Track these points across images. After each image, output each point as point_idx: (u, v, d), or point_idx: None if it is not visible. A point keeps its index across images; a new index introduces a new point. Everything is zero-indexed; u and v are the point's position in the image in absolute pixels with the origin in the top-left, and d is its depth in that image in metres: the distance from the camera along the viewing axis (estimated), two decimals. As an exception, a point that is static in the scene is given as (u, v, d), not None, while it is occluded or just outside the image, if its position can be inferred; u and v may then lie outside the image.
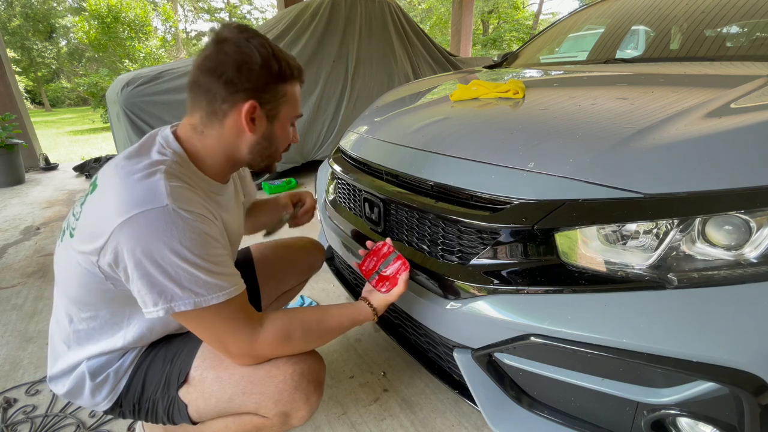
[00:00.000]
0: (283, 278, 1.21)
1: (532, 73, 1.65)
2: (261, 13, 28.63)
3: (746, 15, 1.41)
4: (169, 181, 0.67)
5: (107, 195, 0.67)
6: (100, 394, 0.80)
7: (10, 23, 20.26)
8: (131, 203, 0.63)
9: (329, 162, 1.43)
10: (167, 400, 0.80)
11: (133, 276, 0.65)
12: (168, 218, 0.63)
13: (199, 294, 0.66)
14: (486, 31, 21.68)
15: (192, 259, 0.65)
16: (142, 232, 0.62)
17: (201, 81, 0.72)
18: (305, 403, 0.78)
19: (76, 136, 8.70)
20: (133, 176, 0.67)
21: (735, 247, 0.63)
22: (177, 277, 0.64)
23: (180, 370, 0.80)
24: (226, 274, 0.70)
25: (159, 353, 0.83)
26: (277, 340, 0.75)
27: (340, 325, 0.84)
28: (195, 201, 0.69)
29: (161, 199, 0.64)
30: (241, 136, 0.76)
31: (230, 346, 0.72)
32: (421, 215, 0.94)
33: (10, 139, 3.95)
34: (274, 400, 0.76)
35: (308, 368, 0.79)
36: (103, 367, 0.79)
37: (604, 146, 0.76)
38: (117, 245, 0.64)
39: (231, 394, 0.77)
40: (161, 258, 0.63)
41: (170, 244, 0.63)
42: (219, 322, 0.70)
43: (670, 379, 0.64)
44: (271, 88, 0.74)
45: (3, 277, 2.07)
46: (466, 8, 7.59)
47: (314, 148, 3.72)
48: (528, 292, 0.74)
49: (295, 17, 3.69)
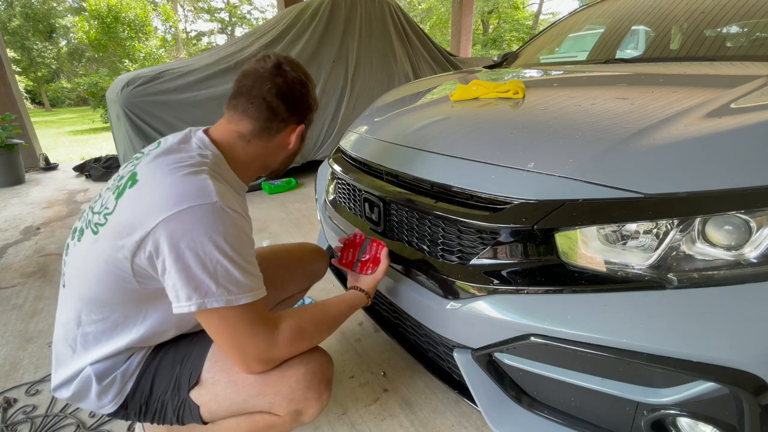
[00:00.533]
0: (283, 285, 1.20)
1: (532, 73, 1.65)
2: (261, 13, 28.61)
3: (746, 15, 1.41)
4: (214, 180, 0.71)
5: (153, 189, 0.69)
6: (106, 396, 0.79)
7: (10, 23, 20.25)
8: (181, 197, 0.66)
9: (329, 162, 1.43)
10: (177, 402, 0.81)
11: (171, 269, 0.66)
12: (216, 214, 0.67)
13: (232, 292, 0.68)
14: (486, 31, 21.68)
15: (232, 255, 0.68)
16: (191, 226, 0.65)
17: (269, 100, 0.81)
18: (317, 401, 0.81)
19: (76, 136, 8.70)
20: (180, 172, 0.70)
21: (735, 247, 0.63)
22: (214, 273, 0.67)
23: (191, 371, 0.80)
24: (255, 275, 0.73)
25: (167, 355, 0.83)
26: (293, 339, 0.77)
27: (343, 313, 0.89)
28: (235, 201, 0.74)
29: (211, 196, 0.68)
30: (283, 149, 0.88)
31: (248, 350, 0.73)
32: (421, 215, 0.94)
33: (10, 139, 3.95)
34: (288, 399, 0.78)
35: (319, 367, 0.82)
36: (110, 369, 0.79)
37: (604, 146, 0.76)
38: (160, 237, 0.65)
39: (245, 396, 0.78)
40: (204, 252, 0.66)
41: (215, 238, 0.66)
42: (241, 324, 0.71)
43: (670, 379, 0.64)
44: (309, 111, 0.88)
45: (3, 277, 2.07)
46: (466, 8, 7.59)
47: (314, 148, 3.72)
48: (528, 292, 0.74)
49: (295, 17, 3.69)
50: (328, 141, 3.72)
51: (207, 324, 0.71)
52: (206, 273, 0.66)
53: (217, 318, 0.70)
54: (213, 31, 29.20)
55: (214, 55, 3.54)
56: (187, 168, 0.71)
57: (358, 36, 3.84)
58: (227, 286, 0.68)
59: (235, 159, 0.83)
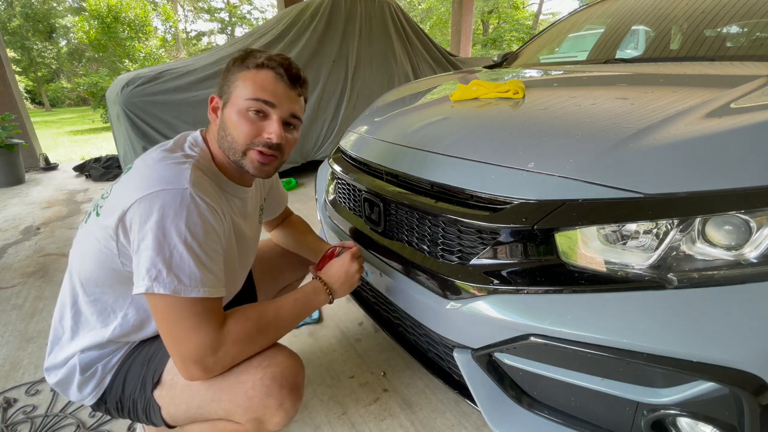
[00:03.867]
0: (281, 274, 1.21)
1: (532, 73, 1.65)
2: (261, 13, 28.61)
3: (746, 15, 1.41)
4: (194, 171, 0.72)
5: (137, 174, 0.72)
6: (86, 388, 0.81)
7: (10, 23, 20.25)
8: (155, 181, 0.68)
9: (329, 162, 1.43)
10: (144, 401, 0.80)
11: (136, 246, 0.67)
12: (184, 201, 0.67)
13: (182, 282, 0.66)
14: (486, 31, 21.67)
15: (191, 244, 0.67)
16: (158, 207, 0.66)
17: None
18: (278, 409, 0.74)
19: (76, 136, 8.70)
20: (165, 161, 0.72)
21: (735, 247, 0.63)
22: (169, 258, 0.66)
23: (155, 370, 0.79)
24: (214, 272, 0.71)
25: (141, 353, 0.83)
26: (238, 341, 0.71)
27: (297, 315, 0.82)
28: (212, 194, 0.74)
29: (183, 183, 0.69)
30: (214, 130, 0.82)
31: (188, 347, 0.68)
32: (421, 215, 0.94)
33: (10, 139, 3.95)
34: (243, 407, 0.73)
35: (281, 372, 0.75)
36: (93, 361, 0.80)
37: (604, 146, 0.76)
38: (133, 215, 0.67)
39: (200, 401, 0.75)
40: (163, 235, 0.66)
41: (177, 223, 0.66)
42: (185, 318, 0.67)
43: (670, 379, 0.64)
44: (227, 78, 0.79)
45: (3, 277, 2.07)
46: (466, 8, 7.59)
47: (314, 148, 3.72)
48: (528, 292, 0.74)
49: (295, 17, 3.69)
50: (328, 141, 3.72)
51: (153, 310, 0.69)
52: (161, 256, 0.65)
53: (162, 305, 0.67)
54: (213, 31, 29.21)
55: (214, 55, 3.54)
56: (173, 159, 0.73)
57: (358, 36, 3.84)
58: (178, 275, 0.66)
59: (215, 156, 0.82)
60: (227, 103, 0.78)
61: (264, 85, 0.76)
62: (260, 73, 0.77)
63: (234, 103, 0.77)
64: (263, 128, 0.78)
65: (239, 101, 0.76)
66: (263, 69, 0.77)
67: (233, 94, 0.77)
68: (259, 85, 0.76)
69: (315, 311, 0.85)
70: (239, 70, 0.78)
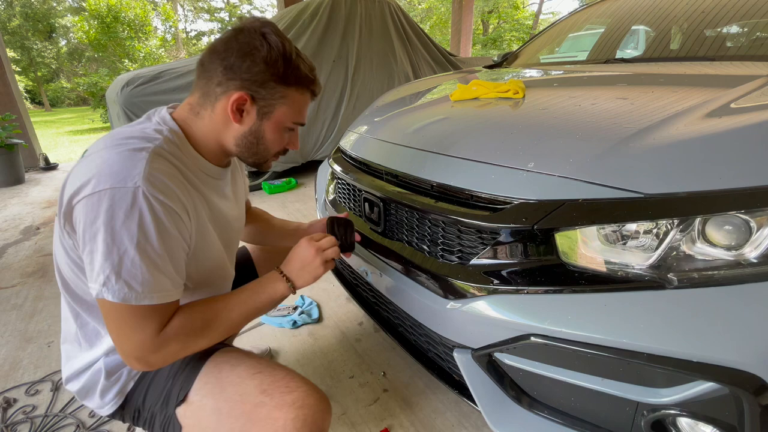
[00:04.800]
0: None
1: (532, 73, 1.65)
2: (261, 13, 28.63)
3: (746, 15, 1.41)
4: (153, 162, 0.64)
5: (87, 164, 0.64)
6: (108, 393, 0.78)
7: (10, 23, 20.24)
8: (104, 176, 0.61)
9: (329, 162, 1.43)
10: (164, 417, 0.77)
11: (84, 244, 0.62)
12: (136, 201, 0.61)
13: (133, 289, 0.62)
14: (486, 31, 21.67)
15: (143, 247, 0.62)
16: (105, 208, 0.60)
17: (205, 61, 0.72)
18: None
19: (76, 136, 8.70)
20: (119, 148, 0.64)
21: (735, 247, 0.63)
22: (119, 263, 0.61)
23: (181, 387, 0.76)
24: (169, 275, 0.67)
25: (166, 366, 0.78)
26: (178, 340, 0.69)
27: (246, 314, 0.77)
28: (171, 189, 0.66)
29: (135, 180, 0.61)
30: (228, 125, 0.74)
31: (131, 343, 0.66)
32: (421, 215, 0.94)
33: (10, 138, 3.95)
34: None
35: (312, 415, 0.72)
36: (119, 365, 0.77)
37: (604, 146, 0.76)
38: (79, 214, 0.62)
39: (228, 429, 0.72)
40: (113, 238, 0.60)
41: (129, 225, 0.61)
42: (130, 320, 0.64)
43: (670, 379, 0.64)
44: (270, 86, 0.72)
45: (3, 277, 2.07)
46: (466, 8, 7.59)
47: (314, 148, 3.72)
48: (528, 292, 0.74)
49: (295, 17, 3.69)
50: (328, 141, 3.72)
51: (101, 308, 0.66)
52: (109, 262, 0.61)
53: (110, 308, 0.64)
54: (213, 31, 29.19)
55: (213, 54, 3.54)
56: (129, 145, 0.65)
57: (358, 36, 3.84)
58: (129, 282, 0.62)
59: (192, 135, 0.75)
60: (266, 117, 0.75)
61: (303, 107, 0.79)
62: (305, 94, 0.77)
63: (277, 121, 0.76)
64: (290, 140, 0.82)
65: (283, 121, 0.76)
66: (307, 90, 0.77)
67: (276, 112, 0.75)
68: (302, 108, 0.78)
69: (278, 303, 0.81)
70: (284, 83, 0.73)
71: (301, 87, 0.75)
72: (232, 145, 0.77)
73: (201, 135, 0.75)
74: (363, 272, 1.12)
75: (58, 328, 1.59)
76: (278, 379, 0.75)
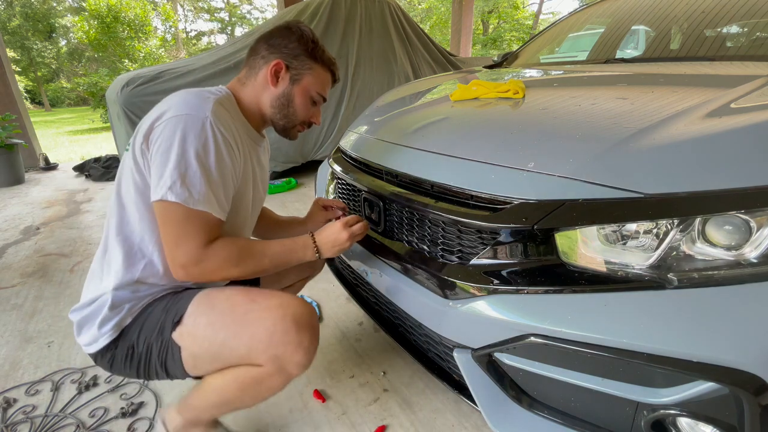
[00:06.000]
0: (285, 273, 1.21)
1: (532, 73, 1.65)
2: (261, 12, 28.61)
3: (746, 15, 1.41)
4: (217, 105, 0.82)
5: (166, 100, 0.82)
6: (106, 325, 0.83)
7: (10, 23, 20.24)
8: (182, 105, 0.79)
9: (329, 162, 1.43)
10: (161, 343, 0.83)
11: (156, 157, 0.76)
12: (205, 126, 0.78)
13: (192, 195, 0.76)
14: (486, 31, 21.67)
15: (205, 163, 0.77)
16: (181, 127, 0.76)
17: (255, 44, 0.93)
18: (298, 346, 0.79)
19: (76, 136, 8.70)
20: (191, 92, 0.83)
21: (735, 247, 0.63)
22: (185, 172, 0.75)
23: (175, 313, 0.83)
24: (218, 196, 0.80)
25: (162, 302, 0.87)
26: (222, 259, 0.81)
27: (280, 256, 0.89)
28: (230, 129, 0.84)
29: (205, 112, 0.79)
30: (266, 88, 0.93)
31: (181, 248, 0.78)
32: (421, 215, 0.94)
33: (10, 139, 3.95)
34: (265, 342, 0.78)
35: (299, 313, 0.81)
36: (124, 300, 0.84)
37: (604, 146, 0.76)
38: (159, 132, 0.77)
39: (223, 338, 0.80)
40: (183, 151, 0.75)
41: (196, 144, 0.76)
42: (186, 225, 0.77)
43: (670, 379, 0.64)
44: (301, 59, 0.92)
45: (3, 277, 2.06)
46: (466, 8, 7.59)
47: (314, 148, 3.72)
48: (528, 292, 0.74)
49: (295, 17, 3.69)
50: (328, 141, 3.72)
51: (160, 213, 0.78)
52: (178, 170, 0.75)
53: (170, 210, 0.76)
54: (213, 31, 29.21)
55: (213, 55, 3.54)
56: (200, 91, 0.84)
57: (358, 36, 3.84)
58: (190, 189, 0.76)
59: (240, 101, 0.93)
60: (296, 83, 0.93)
61: (326, 84, 0.98)
62: (327, 73, 0.97)
63: (304, 87, 0.94)
64: (314, 113, 1.00)
65: (309, 89, 0.95)
66: (329, 70, 0.97)
67: (304, 79, 0.93)
68: (325, 84, 0.97)
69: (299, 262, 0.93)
70: (312, 58, 0.93)
71: (324, 65, 0.95)
72: (268, 107, 0.94)
73: (247, 100, 0.94)
74: (363, 272, 1.12)
75: (58, 328, 1.59)
76: (264, 293, 0.85)
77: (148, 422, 1.14)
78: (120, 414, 1.16)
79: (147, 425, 1.13)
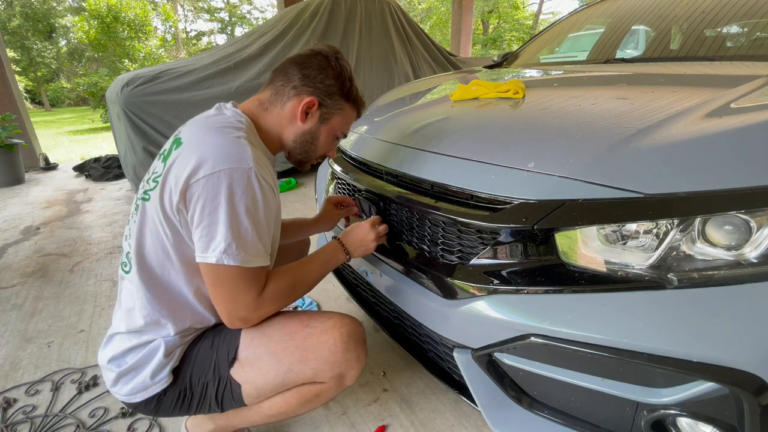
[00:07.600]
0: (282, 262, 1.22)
1: (532, 73, 1.65)
2: (261, 12, 28.61)
3: (746, 15, 1.41)
4: (252, 149, 0.77)
5: (199, 146, 0.75)
6: (161, 372, 0.81)
7: (10, 23, 20.23)
8: (224, 158, 0.72)
9: (329, 162, 1.43)
10: (218, 382, 0.83)
11: (201, 218, 0.72)
12: (251, 180, 0.74)
13: (248, 254, 0.74)
14: (486, 31, 21.67)
15: (255, 218, 0.75)
16: (226, 185, 0.71)
17: (286, 67, 0.87)
18: (357, 362, 0.84)
19: (76, 136, 8.70)
20: (224, 133, 0.77)
21: (735, 247, 0.63)
22: (238, 232, 0.73)
23: (228, 349, 0.83)
24: (266, 245, 0.79)
25: (205, 341, 0.86)
26: (277, 298, 0.82)
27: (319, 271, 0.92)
28: (267, 169, 0.81)
29: (248, 162, 0.74)
30: (293, 122, 0.88)
31: (238, 304, 0.77)
32: (421, 215, 0.94)
33: (10, 139, 3.95)
34: (329, 363, 0.81)
35: (353, 330, 0.85)
36: (176, 345, 0.83)
37: (604, 146, 0.76)
38: (200, 191, 0.71)
39: (288, 365, 0.81)
40: (234, 211, 0.72)
41: (246, 200, 0.73)
42: (241, 282, 0.76)
43: (670, 379, 0.64)
44: (335, 98, 0.89)
45: (3, 277, 2.07)
46: (466, 8, 7.59)
47: (314, 148, 3.71)
48: (528, 292, 0.74)
49: (295, 17, 3.69)
50: (328, 141, 3.72)
51: (213, 275, 0.75)
52: (231, 231, 0.72)
53: (225, 272, 0.74)
54: (213, 31, 29.20)
55: (213, 55, 3.54)
56: (230, 130, 0.78)
57: (358, 36, 3.84)
58: (245, 248, 0.74)
59: (259, 126, 0.88)
60: (325, 122, 0.90)
61: (351, 122, 0.96)
62: (355, 112, 0.95)
63: (332, 127, 0.92)
64: (331, 148, 0.98)
65: (336, 129, 0.93)
66: (355, 110, 0.95)
67: (333, 120, 0.91)
68: (351, 122, 0.96)
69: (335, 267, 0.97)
70: (345, 98, 0.90)
71: (355, 105, 0.94)
72: (290, 140, 0.91)
73: (267, 127, 0.89)
74: (363, 272, 1.12)
75: (58, 328, 1.59)
76: (313, 315, 0.87)
77: (148, 422, 1.14)
78: (120, 414, 1.17)
79: (147, 425, 1.13)
